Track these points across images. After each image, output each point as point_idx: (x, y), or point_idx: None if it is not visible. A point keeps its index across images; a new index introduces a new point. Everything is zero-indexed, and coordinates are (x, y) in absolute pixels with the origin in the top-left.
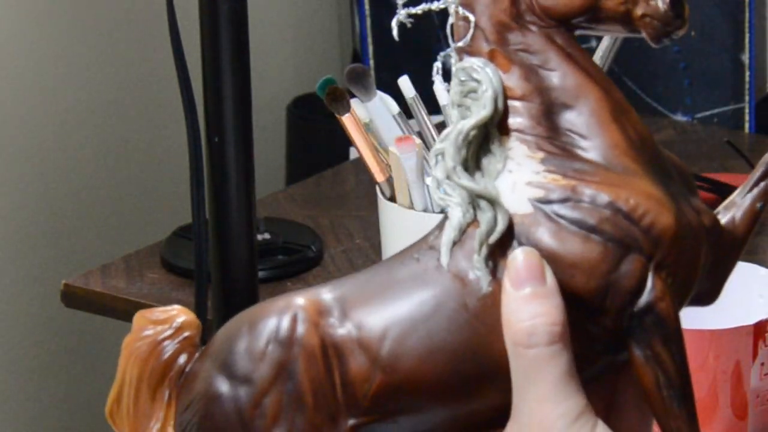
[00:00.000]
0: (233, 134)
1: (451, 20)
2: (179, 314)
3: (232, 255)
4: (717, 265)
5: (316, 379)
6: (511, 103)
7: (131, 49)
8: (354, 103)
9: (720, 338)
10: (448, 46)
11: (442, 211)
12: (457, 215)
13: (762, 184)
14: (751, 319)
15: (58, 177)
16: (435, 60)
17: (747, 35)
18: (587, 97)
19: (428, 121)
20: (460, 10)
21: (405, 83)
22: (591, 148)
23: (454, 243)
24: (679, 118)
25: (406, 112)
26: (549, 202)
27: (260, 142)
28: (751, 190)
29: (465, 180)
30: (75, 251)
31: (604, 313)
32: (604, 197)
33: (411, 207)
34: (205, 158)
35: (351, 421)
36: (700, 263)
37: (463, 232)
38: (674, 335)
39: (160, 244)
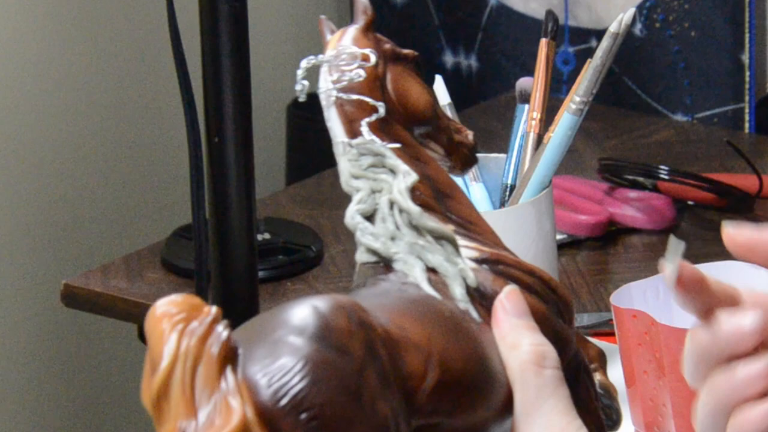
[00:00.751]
0: (233, 134)
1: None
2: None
3: (232, 255)
4: None
5: (393, 365)
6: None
7: (131, 49)
8: None
9: None
10: (448, 47)
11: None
12: (420, 265)
13: None
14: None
15: (58, 177)
16: (435, 60)
17: (747, 35)
18: (457, 189)
19: None
20: (354, 96)
21: None
22: (477, 233)
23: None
24: (679, 118)
25: None
26: (484, 261)
27: (260, 142)
28: None
29: (433, 223)
30: (75, 251)
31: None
32: (526, 265)
33: None
34: (205, 158)
35: (413, 416)
36: None
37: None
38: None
39: (160, 244)
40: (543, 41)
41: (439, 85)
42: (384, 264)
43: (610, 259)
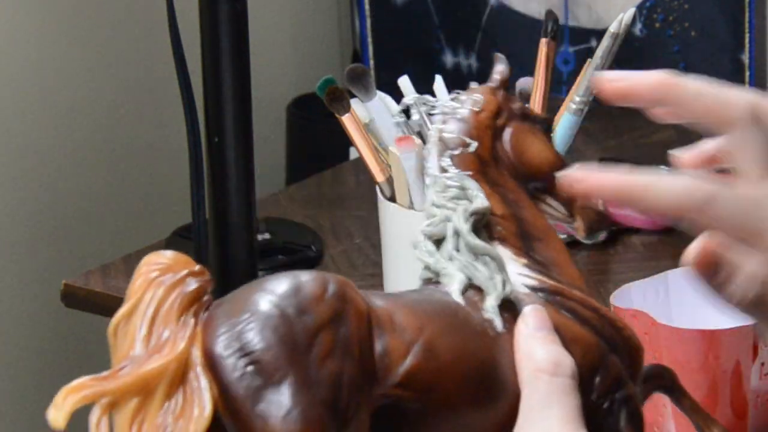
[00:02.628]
0: (233, 134)
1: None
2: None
3: (232, 255)
4: None
5: (362, 337)
6: (492, 218)
7: (131, 49)
8: (354, 103)
9: (720, 338)
10: (448, 47)
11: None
12: (460, 277)
13: None
14: (752, 320)
15: (58, 177)
16: (435, 60)
17: (747, 35)
18: (554, 239)
19: (428, 121)
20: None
21: (405, 83)
22: (557, 274)
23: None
24: None
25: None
26: (542, 290)
27: (260, 142)
28: None
29: (478, 240)
30: (75, 251)
31: (591, 391)
32: (591, 302)
33: (411, 207)
34: (205, 158)
35: (380, 390)
36: None
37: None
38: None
39: (160, 244)
40: (543, 41)
41: (439, 85)
42: (435, 280)
43: (610, 259)
